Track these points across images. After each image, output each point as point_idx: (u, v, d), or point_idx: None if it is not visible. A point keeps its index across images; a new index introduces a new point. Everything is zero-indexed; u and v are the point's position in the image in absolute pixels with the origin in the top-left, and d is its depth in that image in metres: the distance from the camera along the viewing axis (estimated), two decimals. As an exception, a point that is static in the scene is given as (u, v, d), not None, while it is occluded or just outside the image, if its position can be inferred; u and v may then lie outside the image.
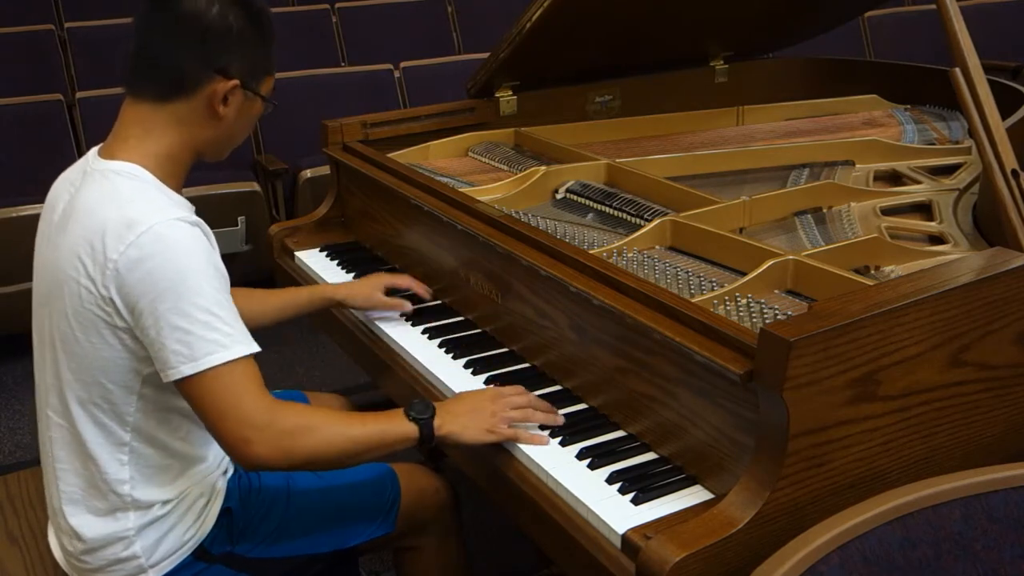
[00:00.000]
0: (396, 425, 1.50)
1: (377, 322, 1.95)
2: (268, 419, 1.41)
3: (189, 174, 1.56)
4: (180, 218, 1.42)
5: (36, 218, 1.59)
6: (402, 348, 1.87)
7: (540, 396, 1.62)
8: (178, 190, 1.52)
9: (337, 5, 4.82)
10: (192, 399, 1.43)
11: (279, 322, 1.97)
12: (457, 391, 1.67)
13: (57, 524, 1.60)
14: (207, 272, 1.42)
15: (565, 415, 1.59)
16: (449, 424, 1.51)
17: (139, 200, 1.43)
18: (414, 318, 1.95)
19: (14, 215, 3.05)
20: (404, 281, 1.99)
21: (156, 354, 1.41)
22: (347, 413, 1.58)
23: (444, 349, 1.83)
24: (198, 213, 1.51)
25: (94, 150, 1.54)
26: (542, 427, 1.55)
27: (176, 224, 1.41)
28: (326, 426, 1.47)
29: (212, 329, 1.40)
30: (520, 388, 1.61)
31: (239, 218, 3.38)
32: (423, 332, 1.90)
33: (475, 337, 1.86)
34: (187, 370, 1.39)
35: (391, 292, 1.98)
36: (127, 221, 1.40)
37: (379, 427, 1.50)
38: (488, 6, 4.90)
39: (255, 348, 1.44)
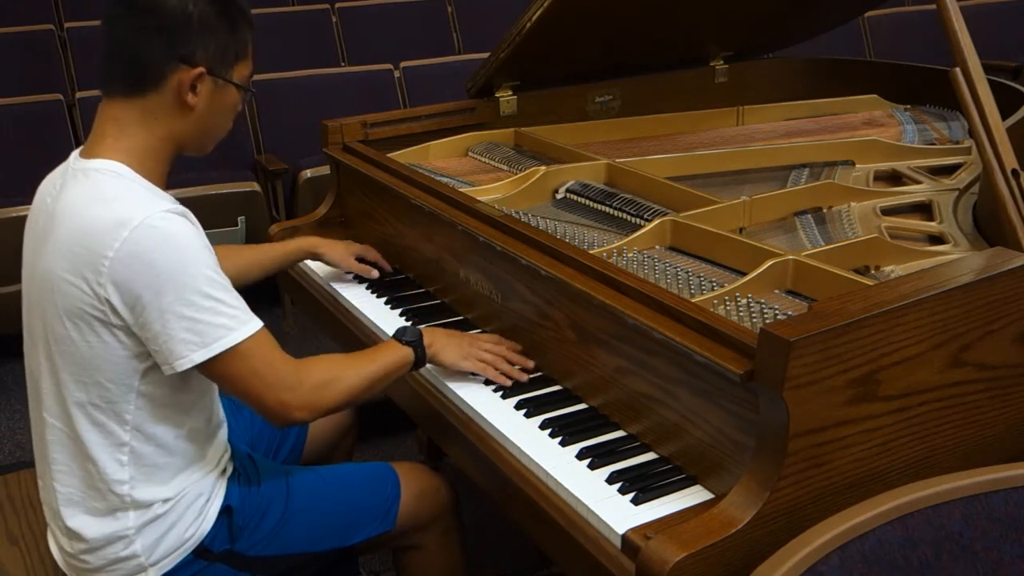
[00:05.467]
0: (397, 352, 1.66)
1: (381, 325, 1.95)
2: (297, 379, 1.51)
3: (189, 174, 1.56)
4: (169, 210, 1.43)
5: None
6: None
7: (540, 396, 1.64)
8: (162, 185, 1.52)
9: (337, 5, 4.82)
10: (219, 379, 1.49)
11: (270, 275, 2.14)
12: (459, 392, 1.68)
13: (56, 525, 1.60)
14: (204, 258, 1.44)
15: (565, 415, 1.59)
16: (435, 344, 1.69)
17: (125, 197, 1.43)
18: (416, 318, 1.95)
19: (14, 215, 3.05)
20: (371, 254, 2.16)
21: (162, 346, 1.42)
22: (354, 354, 1.67)
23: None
24: (198, 213, 1.52)
25: (76, 151, 1.55)
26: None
27: (167, 216, 1.42)
28: (346, 373, 1.58)
29: (218, 314, 1.43)
30: (496, 337, 1.77)
31: (239, 218, 3.37)
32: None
33: (475, 337, 1.86)
34: (199, 357, 1.42)
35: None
36: (118, 218, 1.40)
37: (385, 358, 1.64)
38: (488, 6, 4.89)
39: (260, 322, 1.48)
